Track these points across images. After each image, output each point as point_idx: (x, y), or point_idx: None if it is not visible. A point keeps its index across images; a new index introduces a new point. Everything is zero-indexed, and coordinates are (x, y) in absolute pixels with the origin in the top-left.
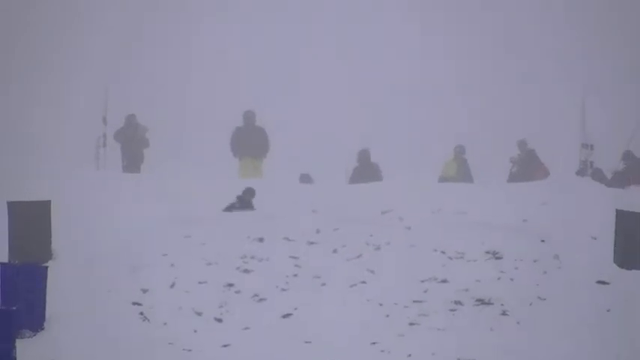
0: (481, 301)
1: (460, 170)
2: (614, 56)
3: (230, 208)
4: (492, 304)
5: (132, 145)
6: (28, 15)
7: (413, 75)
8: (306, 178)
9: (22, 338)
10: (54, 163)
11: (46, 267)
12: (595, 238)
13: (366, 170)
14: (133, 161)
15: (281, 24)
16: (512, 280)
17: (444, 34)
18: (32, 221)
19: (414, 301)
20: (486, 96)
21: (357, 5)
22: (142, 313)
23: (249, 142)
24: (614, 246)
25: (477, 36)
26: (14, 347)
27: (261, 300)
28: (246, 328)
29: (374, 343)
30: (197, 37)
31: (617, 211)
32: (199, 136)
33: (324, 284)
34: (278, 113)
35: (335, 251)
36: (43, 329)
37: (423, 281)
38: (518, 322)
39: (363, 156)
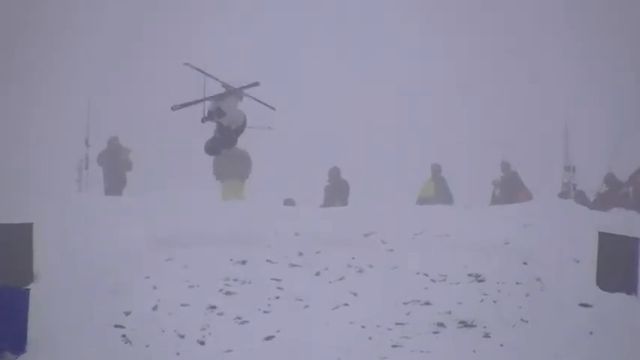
0: (464, 324)
1: (438, 189)
2: (596, 78)
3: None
4: (475, 326)
5: (114, 167)
6: (9, 35)
7: (392, 96)
8: (289, 202)
9: None
10: (36, 186)
11: (28, 289)
12: (578, 261)
13: (336, 188)
14: (115, 184)
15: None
16: (495, 302)
17: (426, 51)
18: (14, 244)
19: (397, 324)
20: (467, 117)
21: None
22: (124, 336)
23: (232, 164)
24: (597, 268)
25: (459, 55)
26: None
27: (243, 322)
28: (229, 351)
29: None
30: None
31: (599, 233)
32: (182, 158)
33: (306, 306)
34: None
35: (317, 274)
36: (24, 352)
37: (405, 303)
38: (501, 345)
39: (334, 174)
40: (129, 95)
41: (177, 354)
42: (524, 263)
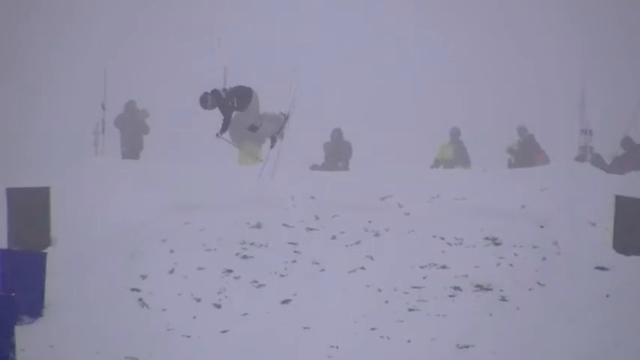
0: (480, 287)
1: (457, 152)
2: (612, 42)
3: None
4: (491, 289)
5: (131, 131)
6: (26, 1)
7: (410, 62)
8: (316, 167)
9: (20, 324)
10: (53, 150)
11: (45, 253)
12: (594, 224)
13: (338, 148)
14: (132, 148)
15: (283, 9)
16: (511, 265)
17: (442, 19)
18: (31, 208)
19: (414, 287)
20: (484, 82)
21: None
22: (140, 299)
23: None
24: (614, 232)
25: (476, 22)
26: (13, 333)
27: (260, 286)
28: (245, 314)
29: (373, 329)
30: (197, 22)
31: (616, 196)
32: (199, 122)
33: (323, 270)
34: (278, 98)
35: (334, 238)
36: (41, 315)
37: (422, 267)
38: (517, 308)
39: (336, 135)
40: (146, 59)
41: (194, 317)
42: (541, 227)
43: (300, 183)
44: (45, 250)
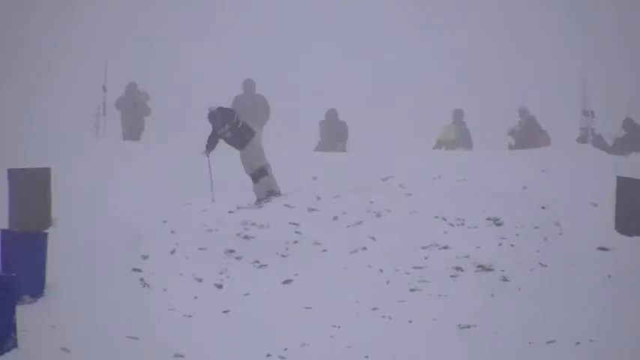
0: (482, 268)
1: (460, 134)
2: (613, 22)
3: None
4: (493, 270)
5: (132, 112)
6: None
7: (410, 44)
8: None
9: (21, 304)
10: (54, 131)
11: (46, 234)
12: (596, 205)
13: (334, 128)
14: (133, 129)
15: None
16: (512, 246)
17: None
18: (32, 189)
19: (415, 268)
20: (486, 63)
21: None
22: (142, 280)
23: (249, 109)
24: (615, 212)
25: (476, 3)
26: (14, 313)
27: (261, 266)
28: (247, 295)
29: (374, 309)
30: (199, 5)
31: (618, 177)
32: (200, 104)
33: (324, 251)
34: (279, 81)
35: (335, 218)
36: (42, 295)
37: (423, 248)
38: (519, 289)
39: (331, 115)
40: (147, 42)
41: (195, 297)
42: (543, 208)
43: (301, 163)
44: (46, 231)
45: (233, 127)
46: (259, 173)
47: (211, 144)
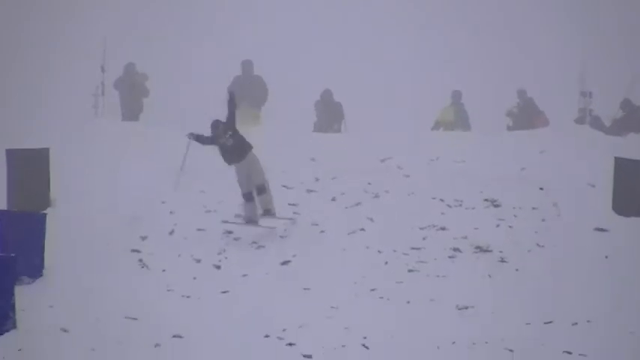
0: (480, 249)
1: (458, 115)
2: (613, 4)
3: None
4: (491, 251)
5: (131, 93)
6: None
7: (409, 25)
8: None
9: (20, 285)
10: (53, 111)
11: (45, 214)
12: (593, 186)
13: (328, 107)
14: (131, 110)
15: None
16: (510, 227)
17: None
18: (31, 169)
19: (413, 249)
20: (484, 45)
21: None
22: (140, 260)
23: (247, 90)
24: (613, 193)
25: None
26: (13, 293)
27: (259, 247)
28: (245, 275)
29: (373, 290)
30: None
31: (615, 158)
32: (198, 85)
33: (322, 232)
34: (277, 62)
35: (334, 199)
36: (41, 276)
37: (421, 229)
38: (516, 269)
39: (326, 95)
40: (146, 22)
41: (194, 278)
42: (541, 189)
43: (300, 145)
44: (44, 211)
45: (235, 134)
46: (258, 190)
47: (203, 141)
